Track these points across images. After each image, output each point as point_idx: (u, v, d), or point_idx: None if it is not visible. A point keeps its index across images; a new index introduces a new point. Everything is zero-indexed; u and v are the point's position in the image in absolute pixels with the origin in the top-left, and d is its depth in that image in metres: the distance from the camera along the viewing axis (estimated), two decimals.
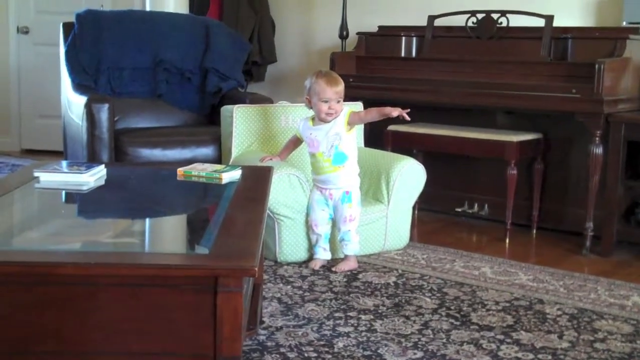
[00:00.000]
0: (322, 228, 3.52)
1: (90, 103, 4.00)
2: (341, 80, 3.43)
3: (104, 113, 3.99)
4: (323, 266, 3.50)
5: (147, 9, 5.45)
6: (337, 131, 3.43)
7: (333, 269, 3.45)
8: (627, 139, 3.76)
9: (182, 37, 4.74)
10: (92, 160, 3.93)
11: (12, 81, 6.48)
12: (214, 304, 1.75)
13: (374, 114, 3.48)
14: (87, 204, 2.60)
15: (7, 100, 6.50)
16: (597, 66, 3.73)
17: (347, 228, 3.48)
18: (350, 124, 3.47)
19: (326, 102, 3.38)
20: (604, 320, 2.92)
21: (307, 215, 3.54)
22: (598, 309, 3.05)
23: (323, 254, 3.53)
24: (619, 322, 2.91)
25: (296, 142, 3.66)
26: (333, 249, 3.58)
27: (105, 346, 1.79)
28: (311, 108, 3.47)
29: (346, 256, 3.50)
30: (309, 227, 3.54)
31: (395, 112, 3.38)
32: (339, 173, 3.47)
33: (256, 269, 1.73)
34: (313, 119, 3.51)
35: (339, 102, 3.40)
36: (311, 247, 3.57)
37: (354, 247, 3.50)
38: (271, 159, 3.58)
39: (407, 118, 3.41)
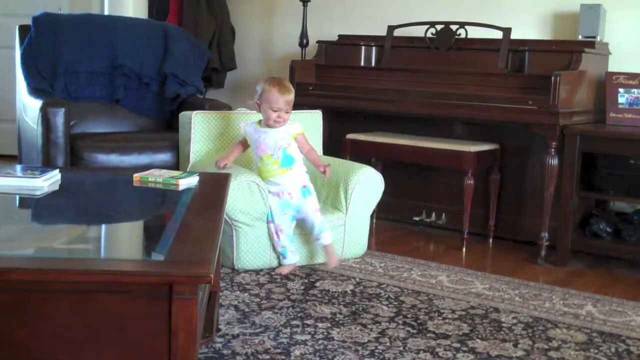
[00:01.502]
0: (286, 231, 3.53)
1: (45, 107, 3.94)
2: (292, 89, 3.49)
3: (59, 117, 3.93)
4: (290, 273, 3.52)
5: (106, 13, 5.39)
6: (285, 137, 3.50)
7: (323, 269, 3.55)
8: (581, 151, 3.82)
9: (140, 42, 4.70)
10: (47, 165, 3.87)
11: None
12: (168, 311, 1.72)
13: (311, 158, 3.59)
14: (40, 209, 2.55)
15: None
16: (553, 78, 3.78)
17: (319, 219, 3.53)
18: (296, 141, 3.54)
19: (276, 111, 3.42)
20: (558, 329, 2.96)
21: (271, 223, 3.53)
22: (553, 317, 3.09)
23: (292, 257, 3.53)
24: (573, 331, 2.94)
25: (245, 144, 3.63)
26: (309, 253, 3.62)
27: (56, 354, 1.75)
28: (258, 111, 3.51)
29: (327, 248, 3.55)
30: (272, 235, 3.53)
31: (324, 170, 3.55)
32: (287, 175, 3.52)
33: (211, 276, 1.71)
34: (260, 122, 3.54)
35: (287, 112, 3.46)
36: (267, 255, 3.55)
37: (330, 234, 3.56)
38: (226, 164, 3.54)
39: (326, 178, 3.59)
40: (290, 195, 3.52)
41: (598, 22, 4.09)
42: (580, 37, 4.14)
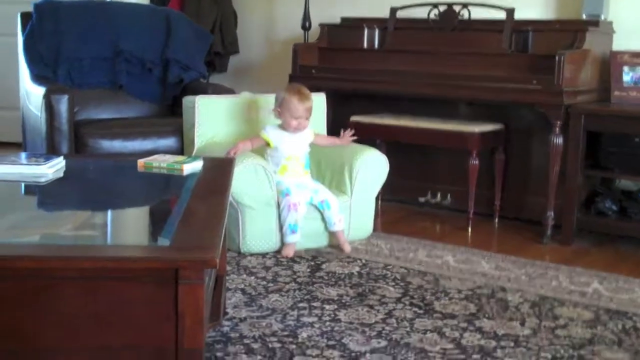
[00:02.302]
0: (302, 208, 3.56)
1: (49, 94, 3.94)
2: (311, 96, 3.61)
3: (63, 104, 3.93)
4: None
5: None
6: (306, 142, 3.66)
7: (344, 253, 3.58)
8: (586, 129, 3.81)
9: (142, 28, 4.68)
10: (52, 152, 3.88)
11: None
12: (175, 296, 1.73)
13: (333, 143, 3.84)
14: (45, 196, 2.56)
15: None
16: (557, 58, 3.77)
17: (335, 200, 3.63)
18: (316, 141, 3.73)
19: (297, 118, 3.54)
20: (564, 307, 2.96)
21: (283, 198, 3.52)
22: (559, 296, 3.09)
23: (297, 235, 3.54)
24: (579, 309, 2.95)
25: (257, 142, 3.65)
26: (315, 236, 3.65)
27: (63, 341, 1.76)
28: (279, 117, 3.61)
29: (341, 234, 3.64)
30: (287, 208, 3.51)
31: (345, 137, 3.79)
32: (307, 175, 3.70)
33: (217, 260, 1.71)
34: (280, 125, 3.63)
35: (307, 119, 3.58)
36: (274, 238, 3.55)
37: (343, 218, 3.66)
38: (236, 152, 3.53)
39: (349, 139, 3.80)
40: (304, 180, 3.67)
41: (602, 1, 4.05)
42: (584, 16, 4.11)
